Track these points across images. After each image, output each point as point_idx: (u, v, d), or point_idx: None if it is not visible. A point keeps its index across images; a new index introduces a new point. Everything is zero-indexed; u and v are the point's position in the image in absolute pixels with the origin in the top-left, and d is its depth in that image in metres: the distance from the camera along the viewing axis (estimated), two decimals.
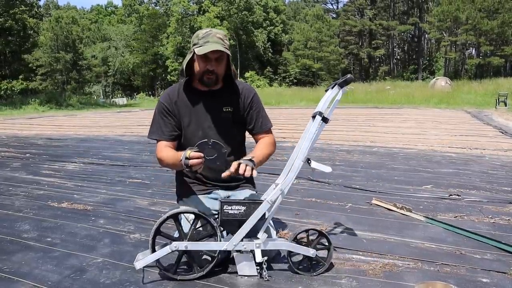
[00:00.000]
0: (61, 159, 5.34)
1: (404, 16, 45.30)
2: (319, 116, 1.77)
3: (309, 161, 1.80)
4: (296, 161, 1.77)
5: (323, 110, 1.78)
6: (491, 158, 4.95)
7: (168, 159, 1.89)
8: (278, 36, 46.45)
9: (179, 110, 1.99)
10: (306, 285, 1.72)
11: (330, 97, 1.78)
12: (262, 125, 2.08)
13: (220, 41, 1.87)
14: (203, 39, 1.87)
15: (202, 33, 1.90)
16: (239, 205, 1.73)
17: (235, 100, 2.03)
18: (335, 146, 6.05)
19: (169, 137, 1.99)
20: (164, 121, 1.99)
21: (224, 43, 1.88)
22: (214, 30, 1.91)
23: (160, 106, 2.02)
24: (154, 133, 2.01)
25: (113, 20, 56.02)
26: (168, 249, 1.72)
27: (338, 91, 1.76)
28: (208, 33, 1.89)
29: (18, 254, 2.13)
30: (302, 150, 1.76)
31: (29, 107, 23.14)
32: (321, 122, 1.77)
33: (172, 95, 2.02)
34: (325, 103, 1.79)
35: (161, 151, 1.96)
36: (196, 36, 1.92)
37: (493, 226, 2.45)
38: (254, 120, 2.07)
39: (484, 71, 37.54)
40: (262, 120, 2.08)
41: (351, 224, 2.51)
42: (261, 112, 2.08)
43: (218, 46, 1.84)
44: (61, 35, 31.34)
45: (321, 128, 1.78)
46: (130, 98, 39.99)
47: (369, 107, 17.19)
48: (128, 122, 12.35)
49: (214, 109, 2.00)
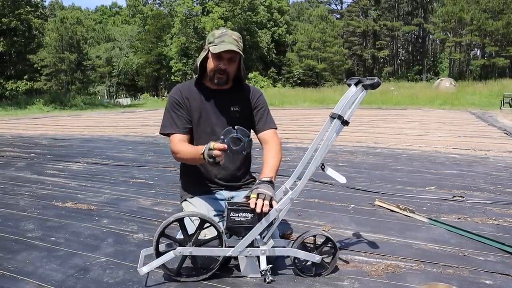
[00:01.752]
0: (65, 159, 5.37)
1: (408, 17, 45.14)
2: (338, 120, 1.70)
3: (323, 167, 1.77)
4: (310, 167, 1.73)
5: (343, 113, 1.69)
6: (496, 160, 4.93)
7: (186, 152, 1.89)
8: (282, 36, 46.41)
9: (190, 105, 2.03)
10: (308, 286, 1.72)
11: (352, 98, 1.69)
12: (266, 123, 2.10)
13: (234, 42, 1.92)
14: (218, 38, 1.92)
15: (218, 32, 1.95)
16: (246, 212, 1.71)
17: (243, 100, 2.08)
18: (338, 146, 6.04)
19: (183, 129, 2.00)
20: (177, 114, 2.01)
21: (238, 44, 1.93)
22: (230, 31, 1.96)
23: (171, 99, 2.04)
24: (167, 127, 2.01)
25: (117, 20, 56.18)
26: (172, 254, 1.72)
27: (361, 92, 1.68)
28: (224, 33, 1.93)
29: (23, 253, 2.15)
30: (317, 156, 1.71)
31: (34, 107, 23.26)
32: (340, 125, 1.70)
33: (183, 90, 2.06)
34: (346, 104, 1.69)
35: (176, 144, 1.95)
36: (212, 35, 1.96)
37: (496, 228, 2.44)
38: (258, 118, 2.11)
39: (489, 72, 37.31)
40: (266, 119, 2.11)
41: (354, 225, 2.51)
42: (266, 111, 2.13)
43: (232, 47, 1.89)
44: (65, 36, 31.46)
45: (339, 132, 1.72)
46: (134, 98, 40.07)
47: (373, 108, 17.14)
48: (132, 123, 12.39)
49: (223, 108, 2.04)
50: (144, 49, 43.72)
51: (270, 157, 1.98)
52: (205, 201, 2.01)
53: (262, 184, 1.78)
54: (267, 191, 1.73)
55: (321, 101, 22.38)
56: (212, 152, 1.62)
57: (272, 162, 1.95)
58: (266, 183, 1.79)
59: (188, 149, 1.89)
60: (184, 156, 1.91)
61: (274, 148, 2.04)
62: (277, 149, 2.04)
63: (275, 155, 1.99)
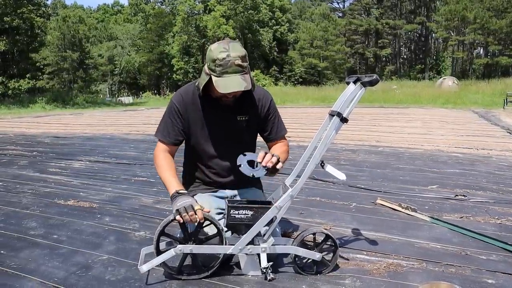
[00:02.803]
0: (68, 157, 5.38)
1: (411, 15, 44.97)
2: (337, 117, 1.69)
3: (322, 164, 1.76)
4: (309, 164, 1.73)
5: (342, 110, 1.69)
6: (498, 159, 4.92)
7: (162, 173, 1.90)
8: (283, 35, 46.34)
9: (191, 113, 1.93)
10: (309, 284, 1.72)
11: (350, 95, 1.69)
12: (278, 132, 2.05)
13: (239, 69, 1.72)
14: (220, 67, 1.72)
15: (219, 57, 1.71)
16: (246, 210, 1.71)
17: (251, 109, 1.97)
18: (340, 145, 6.04)
19: (173, 141, 1.96)
20: (172, 123, 1.95)
21: (244, 69, 1.74)
22: (232, 54, 1.71)
23: (171, 106, 1.95)
24: (160, 132, 1.99)
25: (119, 19, 56.23)
26: (173, 252, 1.72)
27: (360, 90, 1.68)
28: (226, 60, 1.70)
29: (25, 250, 2.15)
30: (316, 154, 1.71)
31: (36, 105, 23.32)
32: (339, 123, 1.70)
33: (186, 96, 1.94)
34: (344, 102, 1.70)
35: (160, 154, 1.95)
36: (213, 59, 1.73)
37: (499, 227, 2.43)
38: (270, 127, 2.04)
39: (492, 71, 37.17)
40: (278, 127, 2.06)
41: (356, 224, 2.51)
42: (277, 119, 2.05)
43: (239, 83, 1.72)
44: (68, 34, 31.51)
45: (338, 129, 1.72)
46: (136, 97, 40.14)
47: (375, 107, 17.11)
48: (133, 121, 12.41)
49: (228, 116, 1.95)
50: (146, 47, 43.77)
51: (276, 149, 2.00)
52: (207, 199, 2.01)
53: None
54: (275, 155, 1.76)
55: (322, 100, 22.36)
56: (188, 212, 1.65)
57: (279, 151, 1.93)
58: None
59: (164, 175, 1.89)
60: (159, 172, 1.93)
61: (282, 147, 2.03)
62: (284, 149, 2.03)
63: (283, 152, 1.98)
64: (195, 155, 2.04)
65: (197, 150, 2.01)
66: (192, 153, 2.06)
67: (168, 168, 1.90)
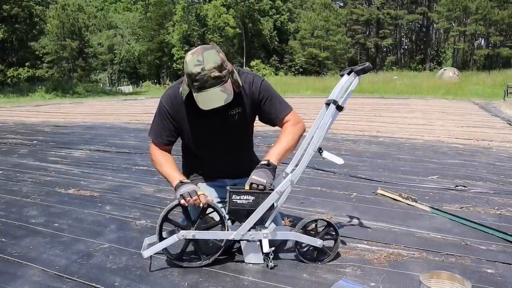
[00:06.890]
0: (68, 146, 5.38)
1: (412, 5, 44.58)
2: (333, 105, 1.72)
3: (320, 151, 1.78)
4: (307, 151, 1.75)
5: (338, 98, 1.73)
6: (498, 150, 4.91)
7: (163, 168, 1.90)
8: (284, 24, 45.95)
9: (182, 114, 1.88)
10: (310, 273, 1.73)
11: (345, 84, 1.72)
12: (278, 113, 1.95)
13: (217, 82, 1.66)
14: (197, 82, 1.65)
15: (194, 72, 1.64)
16: (248, 195, 1.72)
17: (242, 101, 1.89)
18: (340, 135, 6.03)
19: (166, 142, 1.94)
20: (163, 125, 1.91)
21: (222, 79, 1.67)
22: (207, 67, 1.63)
23: (161, 108, 1.91)
24: (152, 132, 1.97)
25: (119, 7, 55.73)
26: (176, 238, 1.72)
27: (354, 78, 1.70)
28: (201, 75, 1.64)
29: (27, 239, 2.16)
30: (314, 140, 1.73)
31: (36, 94, 23.20)
32: (335, 111, 1.73)
33: (174, 99, 1.88)
34: (340, 91, 1.73)
35: (156, 152, 1.94)
36: (188, 74, 1.67)
37: (499, 218, 2.44)
38: (268, 111, 1.94)
39: (493, 62, 36.99)
40: (277, 108, 1.94)
41: (357, 214, 2.52)
42: (273, 100, 1.93)
43: (219, 97, 1.67)
44: (67, 23, 31.24)
45: (335, 117, 1.74)
46: (136, 86, 39.99)
47: (376, 97, 17.06)
48: (134, 110, 12.37)
49: (218, 115, 1.85)
50: (146, 36, 43.45)
51: (279, 139, 1.92)
52: (208, 187, 2.01)
53: (258, 170, 1.77)
54: (261, 178, 1.73)
55: (323, 90, 22.24)
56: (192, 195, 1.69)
57: (278, 143, 1.89)
58: (263, 167, 1.77)
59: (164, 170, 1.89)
60: (158, 169, 1.93)
61: (287, 129, 1.92)
62: (290, 130, 1.92)
63: (285, 136, 1.90)
64: (191, 152, 2.05)
65: (191, 148, 2.01)
66: (188, 149, 2.07)
67: (167, 163, 1.91)
